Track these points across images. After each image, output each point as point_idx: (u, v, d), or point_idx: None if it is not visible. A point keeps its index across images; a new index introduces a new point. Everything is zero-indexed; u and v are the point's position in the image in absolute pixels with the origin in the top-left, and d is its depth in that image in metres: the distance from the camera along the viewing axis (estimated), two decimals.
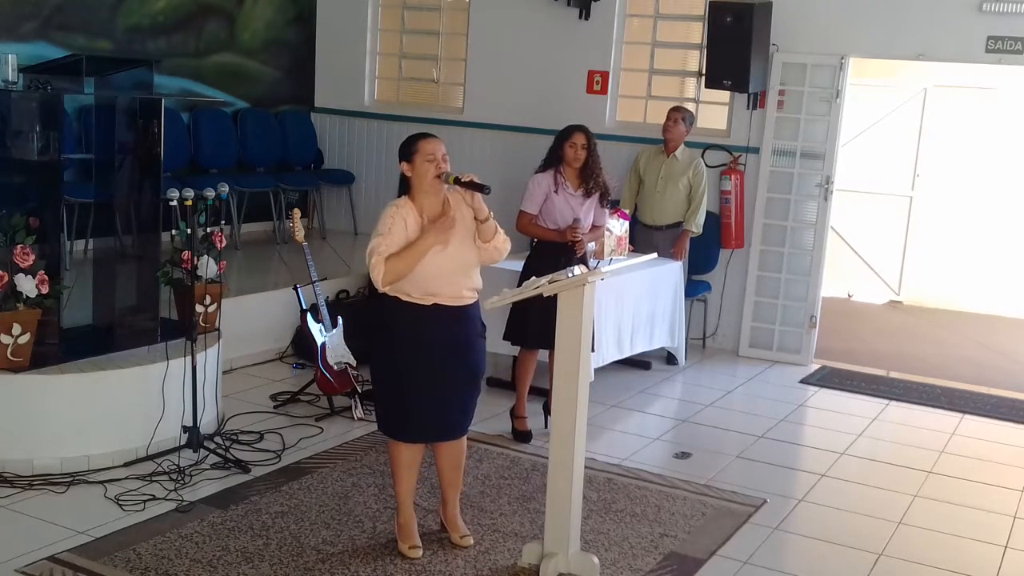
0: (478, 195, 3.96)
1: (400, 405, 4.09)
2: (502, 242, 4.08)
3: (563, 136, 5.60)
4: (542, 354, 5.69)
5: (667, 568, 4.24)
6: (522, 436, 5.64)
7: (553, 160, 5.62)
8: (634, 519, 4.69)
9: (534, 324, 5.34)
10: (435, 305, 3.96)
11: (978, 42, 6.99)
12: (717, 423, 6.27)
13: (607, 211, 5.85)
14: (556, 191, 5.56)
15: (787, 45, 7.50)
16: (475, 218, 4.01)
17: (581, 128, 5.59)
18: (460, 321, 4.02)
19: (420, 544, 4.18)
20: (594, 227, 5.74)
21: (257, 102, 8.97)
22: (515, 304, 4.88)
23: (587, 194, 5.61)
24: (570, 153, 5.55)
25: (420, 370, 4.01)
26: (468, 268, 4.03)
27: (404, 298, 3.97)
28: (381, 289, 3.94)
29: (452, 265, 3.96)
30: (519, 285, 4.66)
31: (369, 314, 4.24)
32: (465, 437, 4.27)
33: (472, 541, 4.28)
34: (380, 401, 4.21)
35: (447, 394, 4.07)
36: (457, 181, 3.94)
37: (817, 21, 7.45)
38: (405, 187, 4.06)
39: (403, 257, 3.87)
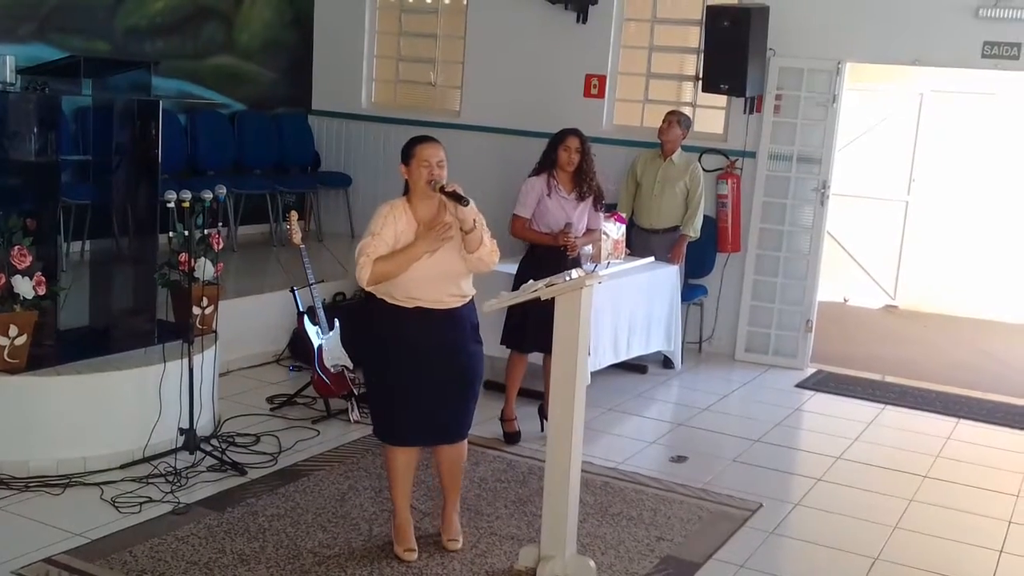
0: (462, 207, 3.92)
1: (389, 408, 4.11)
2: (488, 254, 4.02)
3: (557, 140, 5.60)
4: (534, 356, 5.70)
5: (663, 572, 4.24)
6: (511, 438, 5.64)
7: (547, 164, 5.62)
8: (630, 523, 4.69)
9: (531, 328, 5.34)
10: (417, 308, 3.98)
11: (974, 47, 7.01)
12: (713, 427, 6.28)
13: (601, 215, 5.85)
14: (549, 195, 5.56)
15: (784, 49, 7.51)
16: (460, 228, 3.98)
17: (575, 132, 5.59)
18: (445, 324, 4.02)
19: (416, 547, 4.18)
20: (588, 231, 5.74)
21: (254, 104, 8.97)
22: (510, 308, 4.88)
23: (581, 198, 5.61)
24: (563, 157, 5.55)
25: (405, 372, 4.02)
26: (453, 276, 4.02)
27: (389, 300, 4.01)
28: (365, 288, 3.99)
29: (436, 272, 3.97)
30: (513, 289, 4.66)
31: (361, 317, 4.26)
32: (465, 441, 4.27)
33: (459, 546, 4.26)
34: (371, 404, 4.25)
35: (436, 397, 4.06)
36: (442, 190, 3.94)
37: (814, 26, 7.47)
38: (408, 188, 4.09)
39: (392, 260, 3.91)
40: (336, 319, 5.97)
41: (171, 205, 5.01)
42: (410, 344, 4.00)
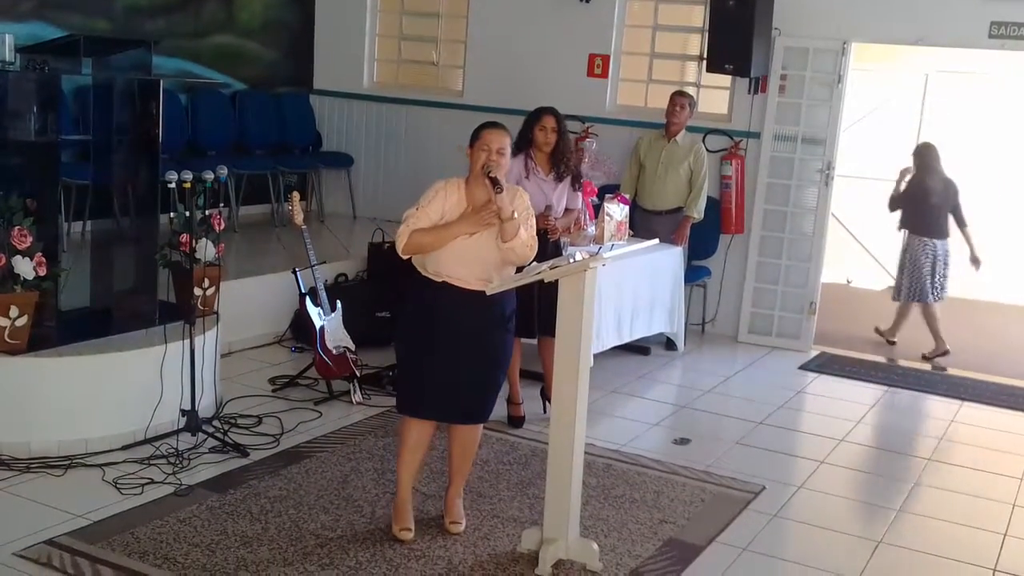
0: (502, 195, 3.92)
1: (407, 379, 4.17)
2: (521, 246, 4.01)
3: (533, 119, 5.53)
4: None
5: (666, 554, 4.24)
6: (515, 422, 5.63)
7: (523, 144, 5.53)
8: (633, 505, 4.68)
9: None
10: (444, 283, 4.01)
11: (981, 28, 6.95)
12: (716, 409, 6.27)
13: (579, 194, 5.78)
14: (527, 176, 5.48)
15: (789, 29, 7.46)
16: (498, 215, 3.97)
17: (550, 110, 5.52)
18: (471, 305, 4.01)
19: (412, 528, 4.18)
20: (567, 211, 5.68)
21: (256, 84, 8.92)
22: None
23: (558, 178, 5.55)
24: (540, 137, 5.49)
25: (427, 346, 4.05)
26: (485, 261, 4.02)
27: (421, 272, 4.07)
28: (401, 256, 4.07)
29: (470, 254, 3.98)
30: None
31: (401, 287, 4.39)
32: (480, 426, 4.28)
33: (460, 529, 4.26)
34: (397, 374, 4.33)
35: (455, 376, 4.07)
36: (488, 174, 3.97)
37: (819, 5, 7.41)
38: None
39: (430, 233, 3.98)
40: (338, 300, 5.95)
41: (172, 185, 4.98)
42: (435, 318, 4.03)
